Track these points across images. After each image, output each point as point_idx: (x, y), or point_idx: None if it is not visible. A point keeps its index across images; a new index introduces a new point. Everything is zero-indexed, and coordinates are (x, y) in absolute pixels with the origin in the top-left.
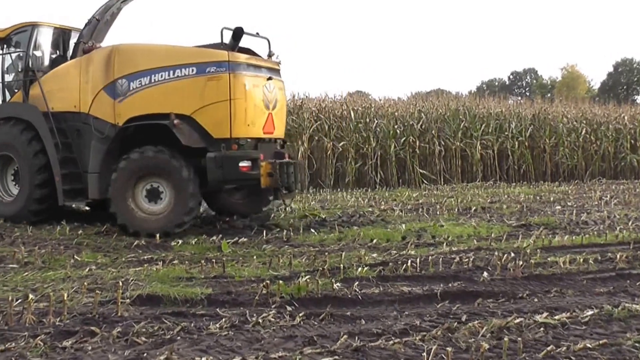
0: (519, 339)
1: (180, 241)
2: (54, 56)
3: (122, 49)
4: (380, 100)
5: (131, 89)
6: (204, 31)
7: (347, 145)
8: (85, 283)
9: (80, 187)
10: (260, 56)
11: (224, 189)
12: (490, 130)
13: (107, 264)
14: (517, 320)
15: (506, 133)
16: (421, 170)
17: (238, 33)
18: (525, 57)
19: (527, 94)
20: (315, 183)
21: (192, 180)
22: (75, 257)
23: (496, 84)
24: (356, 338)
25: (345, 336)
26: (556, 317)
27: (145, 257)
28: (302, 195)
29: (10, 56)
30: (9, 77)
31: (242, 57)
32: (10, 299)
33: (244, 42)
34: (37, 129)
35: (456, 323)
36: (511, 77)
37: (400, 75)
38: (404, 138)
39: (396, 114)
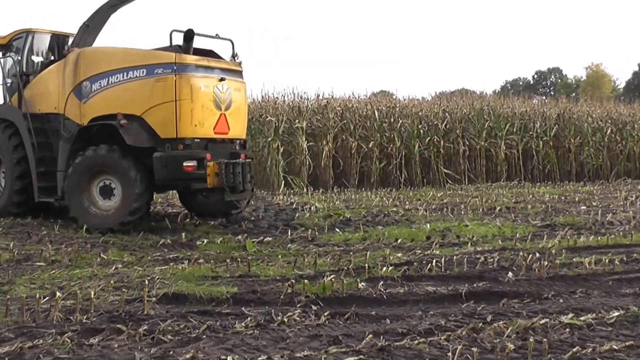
0: (545, 339)
1: (205, 240)
2: (48, 60)
3: (87, 52)
4: (404, 100)
5: (93, 90)
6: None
7: (372, 145)
8: (112, 281)
9: (55, 184)
10: (220, 58)
11: (192, 189)
12: (514, 130)
13: (133, 263)
14: (543, 321)
15: (531, 133)
16: (445, 170)
17: (188, 35)
18: (550, 56)
19: (552, 93)
20: (339, 183)
21: (139, 181)
22: (102, 255)
23: (520, 83)
24: (381, 337)
25: (370, 335)
26: (582, 318)
27: (171, 255)
28: (327, 195)
29: (9, 61)
30: (9, 81)
31: (190, 59)
32: (37, 296)
33: (209, 44)
34: (19, 129)
35: (481, 323)
36: (535, 76)
37: (424, 75)
38: (428, 138)
39: (420, 113)
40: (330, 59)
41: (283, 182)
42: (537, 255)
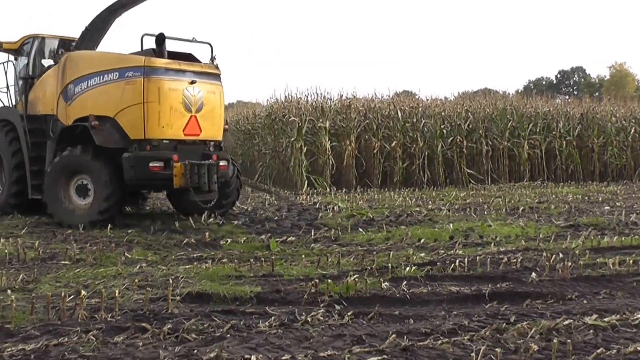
0: (569, 340)
1: (229, 240)
2: (48, 64)
3: (72, 56)
4: (427, 100)
5: (75, 93)
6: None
7: (395, 144)
8: (136, 280)
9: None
10: (197, 61)
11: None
12: (537, 130)
13: (157, 262)
14: (566, 322)
15: (554, 132)
16: (468, 170)
17: (159, 39)
18: (573, 55)
19: (575, 92)
20: (362, 182)
21: (109, 182)
22: (126, 254)
23: (543, 82)
24: (405, 337)
25: (393, 335)
26: (606, 319)
27: (195, 255)
28: (350, 194)
29: (18, 64)
30: (21, 83)
31: (159, 62)
32: (62, 294)
33: (189, 48)
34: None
35: (505, 324)
36: (558, 75)
37: (447, 74)
38: (451, 138)
39: (443, 113)
40: (353, 59)
41: (306, 181)
42: (561, 255)
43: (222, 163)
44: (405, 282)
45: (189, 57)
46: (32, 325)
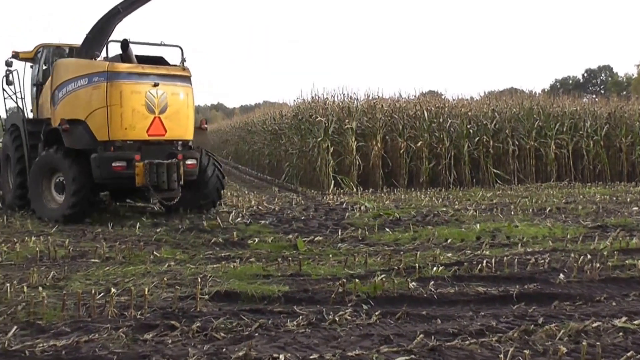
0: (598, 343)
1: (256, 239)
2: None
3: (57, 63)
4: (453, 100)
5: (59, 97)
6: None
7: (421, 145)
8: (165, 278)
9: None
10: (166, 64)
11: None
12: (564, 130)
13: (186, 261)
14: (595, 324)
15: (581, 132)
16: (495, 170)
17: (123, 44)
18: (600, 53)
19: (602, 91)
20: (389, 183)
21: (75, 179)
22: (155, 253)
23: (570, 81)
24: (432, 337)
25: (421, 335)
26: (635, 322)
27: (223, 254)
28: (376, 194)
29: (32, 72)
30: (34, 90)
31: (122, 67)
32: (93, 292)
33: (159, 52)
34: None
35: (533, 325)
36: (585, 74)
37: (472, 74)
38: (477, 138)
39: (469, 113)
40: (379, 60)
41: (333, 182)
42: (589, 256)
43: (189, 162)
44: (432, 282)
45: (159, 61)
46: (63, 322)
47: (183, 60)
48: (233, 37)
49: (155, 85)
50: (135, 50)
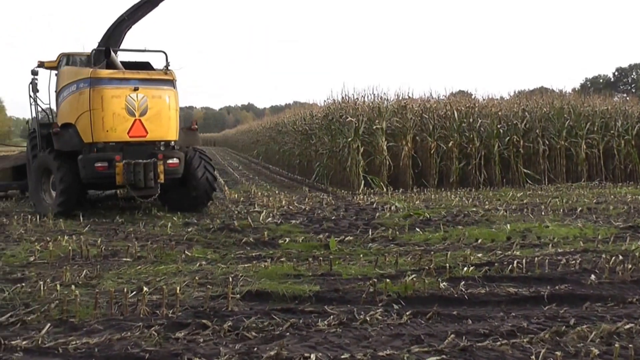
0: (630, 345)
1: (287, 239)
2: None
3: (60, 71)
4: (483, 99)
5: (59, 103)
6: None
7: (451, 144)
8: (196, 277)
9: None
10: (150, 69)
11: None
12: (595, 129)
13: (217, 260)
14: (628, 326)
15: (612, 131)
16: (525, 170)
17: (106, 51)
18: (631, 52)
19: (633, 90)
20: (419, 182)
21: (62, 179)
22: (186, 252)
23: (601, 80)
24: (463, 338)
25: (452, 336)
26: None
27: (254, 254)
28: (407, 194)
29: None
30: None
31: (104, 73)
32: (125, 290)
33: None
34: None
35: (564, 326)
36: (616, 73)
37: (502, 73)
38: (507, 137)
39: (500, 113)
40: (410, 59)
41: (363, 182)
42: (620, 257)
43: (170, 161)
44: (463, 282)
45: (145, 66)
46: (95, 320)
47: (167, 64)
48: (263, 39)
49: (135, 89)
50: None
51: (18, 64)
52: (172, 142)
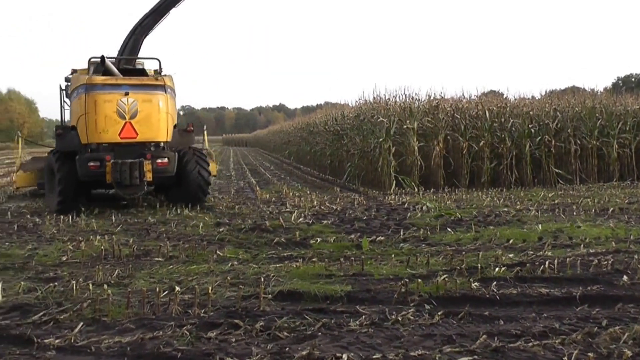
0: None
1: (318, 239)
2: None
3: (72, 77)
4: (514, 99)
5: (71, 107)
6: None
7: (483, 144)
8: (228, 277)
9: None
10: (146, 75)
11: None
12: (627, 128)
13: (249, 260)
14: None
15: None
16: (556, 170)
17: (101, 59)
18: None
19: None
20: (450, 183)
21: (61, 179)
22: (218, 252)
23: (632, 79)
24: (495, 338)
25: (484, 336)
26: None
27: (285, 254)
28: (438, 194)
29: None
30: None
31: (98, 80)
32: (157, 290)
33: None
34: None
35: (596, 328)
36: None
37: (533, 73)
38: (539, 137)
39: (531, 112)
40: (441, 59)
41: (394, 182)
42: None
43: (159, 160)
44: (494, 282)
45: (140, 72)
46: (127, 319)
47: (159, 70)
48: (295, 40)
49: (126, 94)
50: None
51: (50, 66)
52: (162, 143)
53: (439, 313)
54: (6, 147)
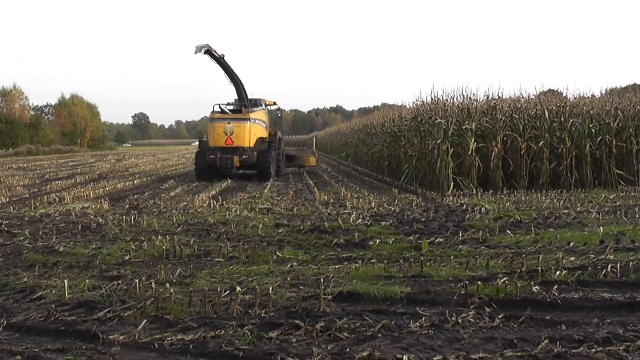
0: None
1: (377, 240)
2: None
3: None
4: (574, 98)
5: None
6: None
7: (542, 145)
8: (288, 278)
9: None
10: (240, 112)
11: None
12: None
13: (308, 261)
14: None
15: None
16: (618, 171)
17: (217, 105)
18: None
19: None
20: (509, 184)
21: (197, 163)
22: (277, 253)
23: None
24: (557, 343)
25: (546, 341)
26: None
27: (344, 255)
28: (496, 196)
29: None
30: None
31: (215, 115)
32: (218, 289)
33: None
34: None
35: None
36: None
37: (593, 71)
38: (599, 137)
39: (591, 112)
40: (499, 58)
41: (452, 183)
42: None
43: (244, 156)
44: (555, 286)
45: (239, 111)
46: (189, 317)
47: (248, 109)
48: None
49: (228, 123)
50: None
51: (112, 71)
52: (247, 147)
53: (500, 316)
54: (70, 150)
